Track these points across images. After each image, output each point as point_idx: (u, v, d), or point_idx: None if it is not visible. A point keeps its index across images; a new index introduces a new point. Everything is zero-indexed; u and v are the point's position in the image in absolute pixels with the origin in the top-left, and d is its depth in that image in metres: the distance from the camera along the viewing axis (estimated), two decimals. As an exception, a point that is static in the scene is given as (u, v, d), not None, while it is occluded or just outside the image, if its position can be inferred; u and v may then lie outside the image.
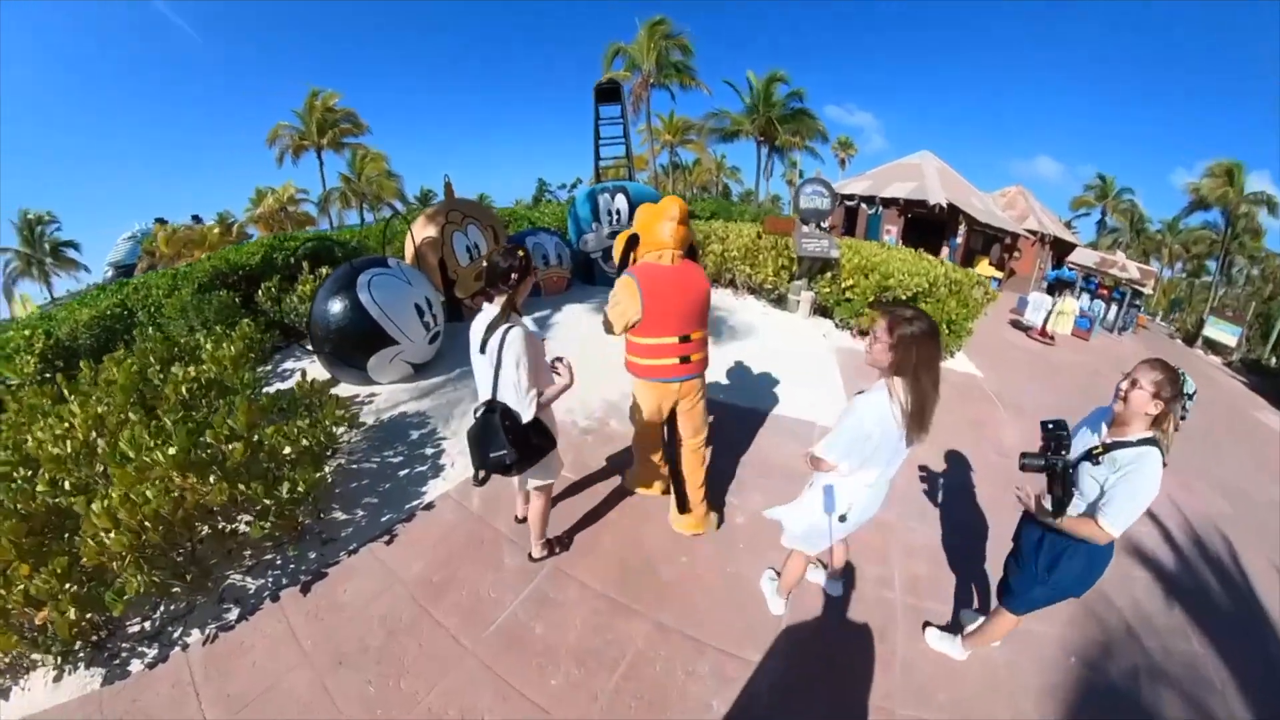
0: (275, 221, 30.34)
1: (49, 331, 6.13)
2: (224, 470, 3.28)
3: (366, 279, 5.34)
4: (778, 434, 4.96)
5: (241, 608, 3.27)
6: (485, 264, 2.64)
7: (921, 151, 19.51)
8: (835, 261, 7.64)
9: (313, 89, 30.06)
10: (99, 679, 2.90)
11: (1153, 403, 2.08)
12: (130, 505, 2.92)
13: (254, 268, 7.83)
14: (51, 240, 32.06)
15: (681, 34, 25.19)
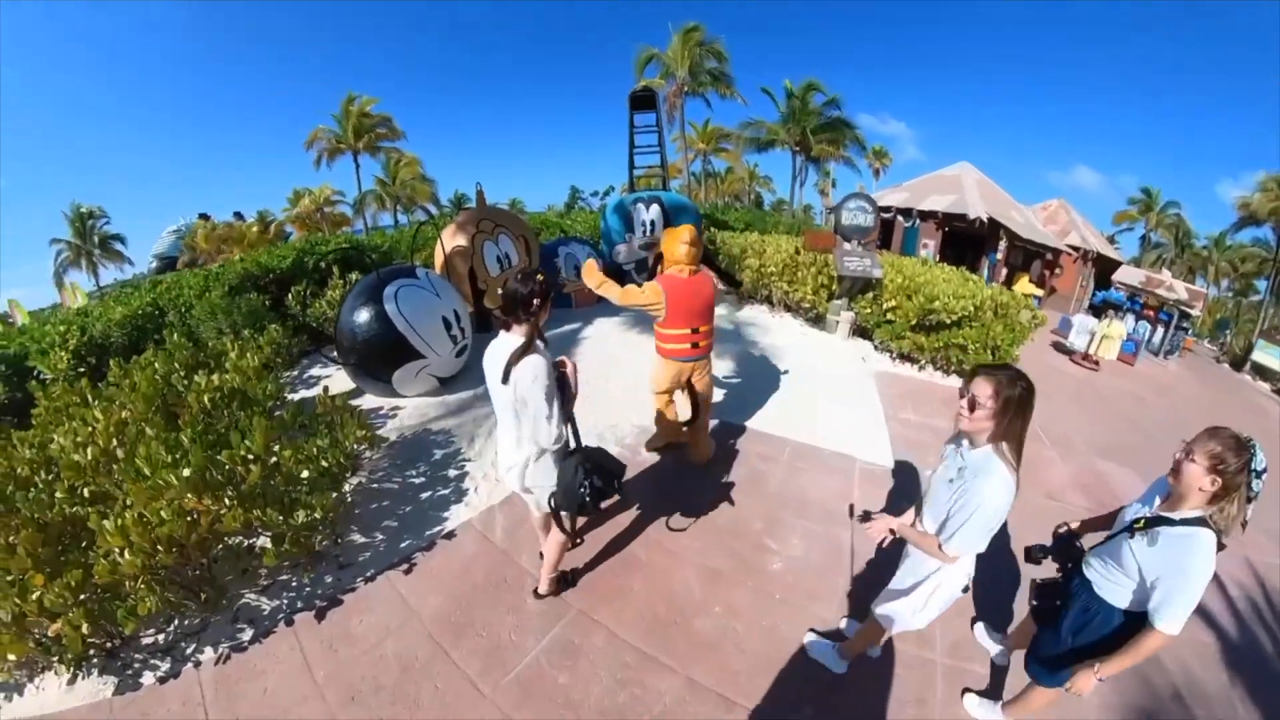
0: (312, 221, 31.03)
1: (83, 328, 6.20)
2: (239, 494, 3.21)
3: (393, 290, 5.21)
4: (816, 469, 4.67)
5: (255, 629, 3.21)
6: (502, 291, 2.53)
7: (960, 163, 18.96)
8: (877, 281, 7.32)
9: (350, 94, 30.58)
10: (111, 687, 2.90)
11: (1208, 478, 1.83)
12: (144, 525, 2.86)
13: (285, 271, 7.84)
14: (101, 233, 33.45)
15: (716, 41, 24.93)
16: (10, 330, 7.92)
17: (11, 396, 5.32)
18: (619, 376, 6.10)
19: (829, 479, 4.48)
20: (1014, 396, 1.92)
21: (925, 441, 5.14)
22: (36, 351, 5.81)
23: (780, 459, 4.76)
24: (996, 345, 6.42)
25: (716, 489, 4.32)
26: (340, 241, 9.35)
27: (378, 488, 4.35)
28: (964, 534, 2.05)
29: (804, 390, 6.00)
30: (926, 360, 6.87)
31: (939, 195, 17.42)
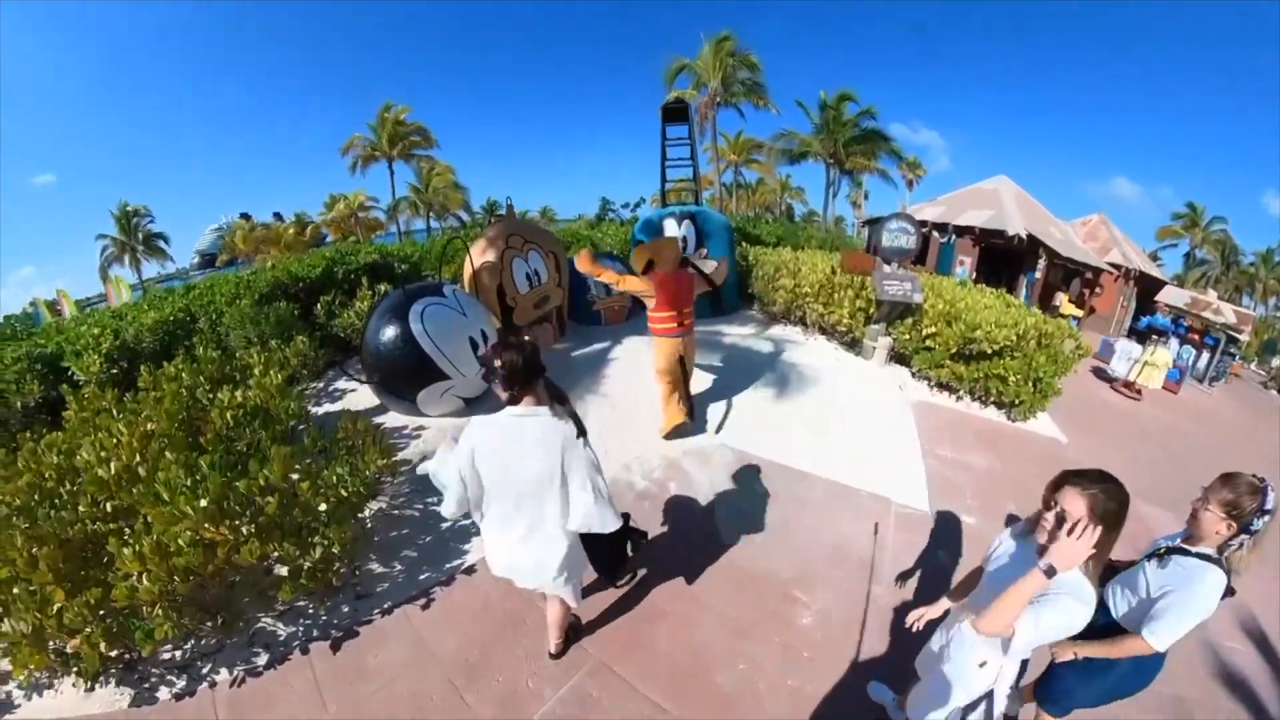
0: (346, 226, 31.58)
1: (117, 331, 6.30)
2: (257, 525, 3.18)
3: (420, 308, 5.13)
4: (850, 513, 4.43)
5: (271, 654, 3.21)
6: (499, 365, 2.25)
7: (998, 176, 18.33)
8: (917, 306, 7.04)
9: (385, 103, 31.21)
10: (127, 699, 2.95)
11: (1224, 524, 1.97)
12: (161, 553, 2.85)
13: (314, 280, 7.87)
14: (145, 231, 34.66)
15: (748, 51, 24.67)
16: (48, 329, 8.11)
17: (46, 395, 5.42)
18: (648, 401, 5.88)
19: (864, 525, 4.25)
20: (1111, 511, 1.68)
21: (960, 483, 4.91)
22: (71, 353, 5.89)
23: (813, 500, 4.55)
24: (1039, 377, 6.13)
25: (747, 533, 4.13)
26: (370, 251, 9.36)
27: (398, 514, 4.30)
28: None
29: (839, 421, 5.78)
30: (965, 390, 6.59)
31: (976, 210, 16.87)
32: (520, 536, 2.43)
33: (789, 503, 4.47)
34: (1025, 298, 14.25)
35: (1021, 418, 6.29)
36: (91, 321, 7.54)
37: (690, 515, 4.33)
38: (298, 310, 7.24)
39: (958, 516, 4.42)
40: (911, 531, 4.23)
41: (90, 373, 5.60)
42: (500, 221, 7.87)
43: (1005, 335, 6.18)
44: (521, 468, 2.29)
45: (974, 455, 5.37)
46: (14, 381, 5.44)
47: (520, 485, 2.33)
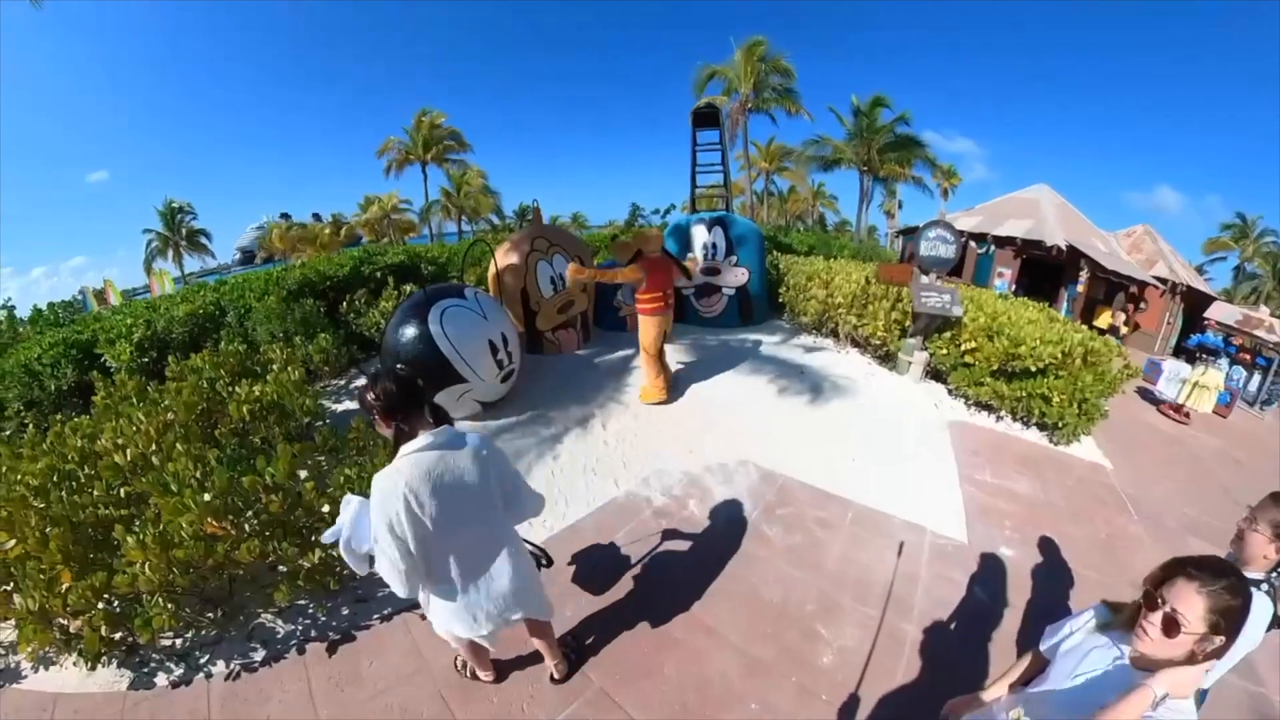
0: (380, 227, 32.16)
1: (149, 322, 6.47)
2: (259, 522, 3.20)
3: (440, 310, 5.06)
4: (881, 541, 4.14)
5: (268, 650, 3.19)
6: (373, 397, 2.03)
7: (1038, 185, 17.67)
8: (956, 320, 6.71)
9: (422, 109, 31.89)
10: (126, 681, 3.01)
11: (1272, 546, 1.86)
12: (163, 544, 2.88)
13: (342, 279, 7.93)
14: (188, 227, 36.27)
15: (780, 55, 24.20)
16: (88, 317, 8.47)
17: (79, 380, 5.66)
18: (672, 417, 5.79)
19: (895, 555, 3.96)
20: (1235, 609, 1.33)
21: (1001, 510, 4.58)
22: (105, 340, 6.07)
23: (842, 526, 4.28)
24: (1084, 398, 5.76)
25: (769, 558, 3.90)
26: (397, 252, 9.40)
27: (406, 520, 4.16)
28: None
29: (871, 440, 5.50)
30: (1005, 410, 6.22)
31: (1016, 220, 16.24)
32: (487, 572, 2.25)
33: (815, 527, 4.23)
34: (1066, 312, 13.67)
35: (1064, 441, 5.91)
36: (126, 311, 7.80)
37: (710, 536, 4.12)
38: (324, 308, 7.30)
39: (997, 549, 4.12)
40: (947, 564, 3.93)
41: (121, 360, 5.76)
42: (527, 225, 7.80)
43: (1050, 352, 5.83)
44: (464, 495, 2.08)
45: (1014, 481, 5.04)
46: (50, 365, 5.70)
47: (467, 515, 2.12)
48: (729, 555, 3.90)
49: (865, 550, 4.01)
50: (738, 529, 4.18)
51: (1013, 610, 3.54)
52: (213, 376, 4.83)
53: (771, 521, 4.26)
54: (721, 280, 8.74)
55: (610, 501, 4.46)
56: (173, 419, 3.94)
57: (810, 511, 4.39)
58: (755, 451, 5.17)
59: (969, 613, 3.49)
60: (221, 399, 4.46)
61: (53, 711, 2.89)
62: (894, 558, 3.92)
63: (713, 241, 8.66)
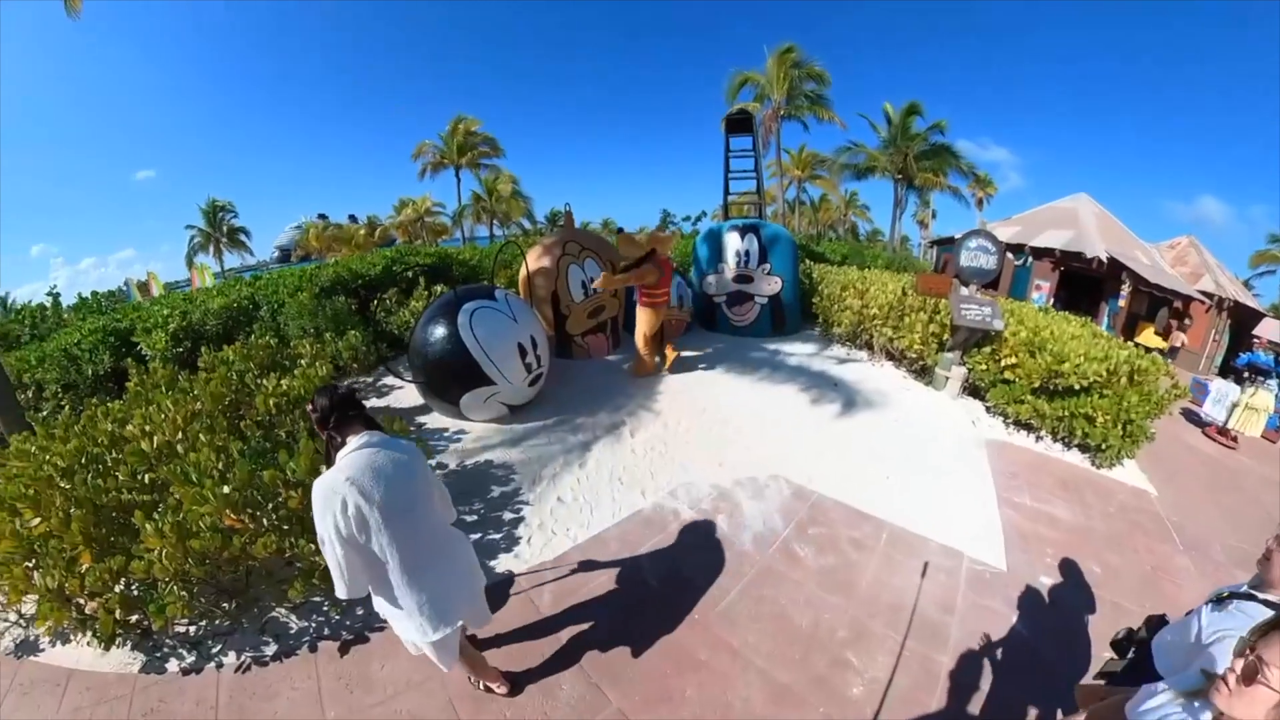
0: (414, 229, 32.64)
1: (184, 313, 6.62)
2: (278, 517, 3.19)
3: (469, 311, 5.03)
4: (917, 564, 3.92)
5: (279, 645, 3.18)
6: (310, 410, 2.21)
7: (1077, 194, 17.03)
8: (996, 334, 6.46)
9: (458, 115, 32.16)
10: (139, 664, 3.05)
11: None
12: (179, 533, 2.88)
13: (374, 278, 7.98)
14: (228, 225, 37.22)
15: (813, 61, 23.75)
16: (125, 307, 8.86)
17: (115, 367, 5.84)
18: (703, 428, 5.65)
19: (931, 582, 3.76)
20: None
21: (1041, 536, 4.33)
22: (142, 329, 6.24)
23: (876, 548, 4.08)
24: (1129, 419, 5.46)
25: (800, 579, 3.73)
26: (429, 253, 9.47)
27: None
28: None
29: (905, 458, 5.28)
30: (1046, 430, 5.93)
31: (1055, 230, 15.63)
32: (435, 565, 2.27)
33: (849, 548, 4.04)
34: (1107, 328, 13.02)
35: (1106, 464, 5.60)
36: (164, 302, 8.06)
37: (738, 553, 3.96)
38: (355, 306, 7.37)
39: (1037, 578, 3.88)
40: (984, 593, 3.71)
41: (156, 349, 5.91)
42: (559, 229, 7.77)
43: (1095, 370, 5.53)
44: (405, 481, 2.15)
45: (1055, 505, 4.79)
46: (88, 351, 5.91)
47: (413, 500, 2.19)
48: (758, 574, 3.74)
49: (900, 574, 3.82)
50: (768, 547, 4.01)
51: (1054, 645, 3.33)
52: (242, 369, 4.89)
53: (803, 540, 4.09)
54: (754, 288, 8.58)
55: (637, 513, 4.35)
56: (200, 409, 3.99)
57: (844, 531, 4.21)
58: (786, 466, 5.01)
59: (1008, 646, 3.28)
60: (249, 391, 4.50)
61: (66, 686, 2.95)
62: (929, 584, 3.72)
63: (745, 249, 8.50)
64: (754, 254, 8.44)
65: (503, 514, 4.23)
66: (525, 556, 3.82)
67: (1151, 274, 13.89)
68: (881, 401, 6.40)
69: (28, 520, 3.07)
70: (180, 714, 2.77)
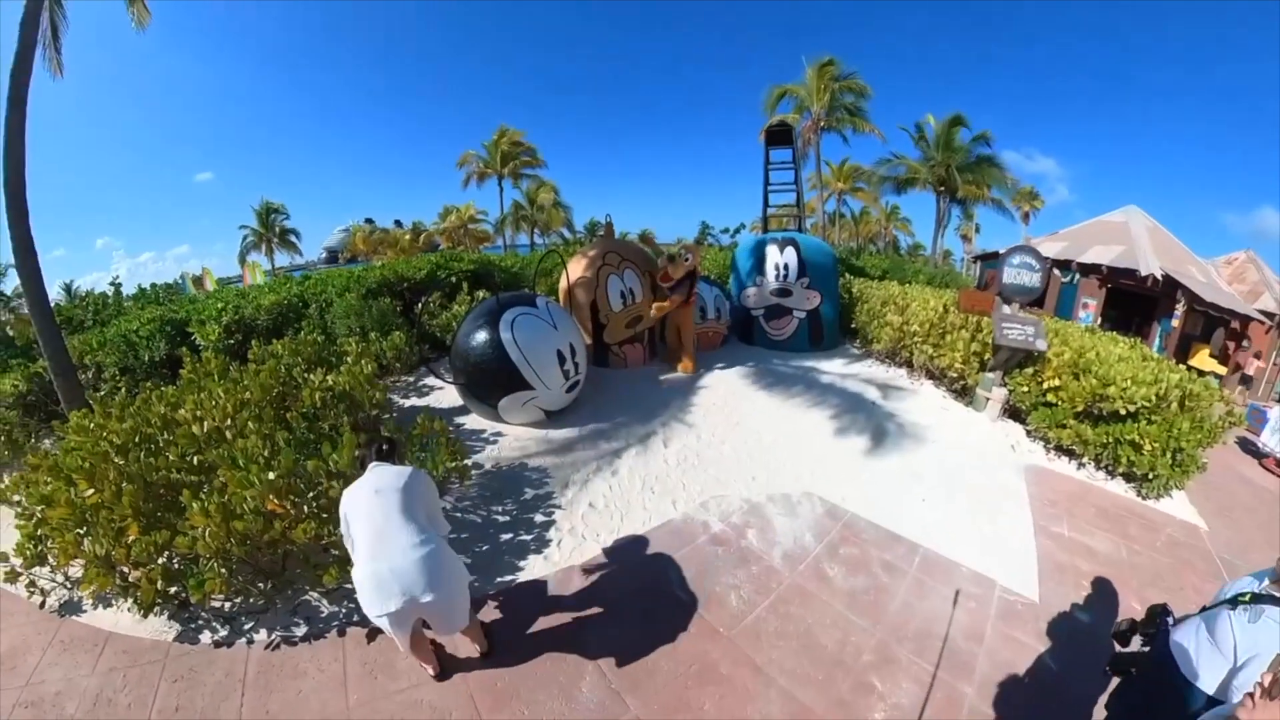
0: (457, 236, 33.37)
1: (237, 307, 6.92)
2: (317, 505, 3.33)
3: (511, 317, 5.15)
4: (948, 590, 3.82)
5: (309, 628, 3.28)
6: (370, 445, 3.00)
7: (1126, 207, 16.14)
8: (1039, 355, 6.24)
9: (501, 126, 32.94)
10: (174, 633, 3.19)
11: None
12: (224, 514, 3.03)
13: (419, 281, 8.21)
14: (280, 226, 38.44)
15: (853, 75, 23.51)
16: (181, 300, 9.40)
17: (170, 354, 6.15)
18: (737, 441, 5.62)
19: (960, 610, 3.64)
20: None
21: (1077, 569, 4.14)
22: (196, 320, 6.57)
23: (907, 571, 3.99)
24: (1179, 447, 5.15)
25: (828, 598, 3.68)
26: (472, 260, 9.71)
27: (460, 518, 4.24)
28: None
29: (943, 481, 5.16)
30: (1088, 456, 5.66)
31: (1103, 246, 14.90)
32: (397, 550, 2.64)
33: (880, 570, 3.97)
34: (1158, 349, 12.40)
35: (1153, 494, 5.30)
36: (218, 296, 8.42)
37: (767, 569, 3.93)
38: (400, 307, 7.60)
39: (1072, 612, 3.73)
40: (1015, 623, 3.59)
41: (209, 340, 6.21)
42: (600, 239, 7.89)
43: (1144, 394, 5.24)
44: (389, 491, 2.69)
45: (1094, 537, 4.58)
46: (146, 338, 6.25)
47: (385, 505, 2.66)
48: (786, 592, 3.70)
49: (930, 600, 3.72)
50: (798, 565, 3.97)
51: (1084, 681, 3.18)
52: (290, 362, 5.09)
53: (834, 560, 4.04)
54: (792, 303, 8.49)
55: (667, 522, 4.35)
56: (249, 398, 4.15)
57: (875, 553, 4.13)
58: (820, 484, 4.96)
59: (1036, 681, 3.17)
60: (296, 384, 4.67)
61: (103, 647, 3.10)
62: (959, 611, 3.62)
63: (784, 262, 8.42)
64: (793, 268, 8.36)
65: (534, 516, 4.28)
66: (554, 559, 3.87)
67: (1207, 292, 13.03)
68: (919, 422, 6.27)
69: (82, 491, 3.25)
70: (208, 685, 2.89)
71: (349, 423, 4.42)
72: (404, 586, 2.49)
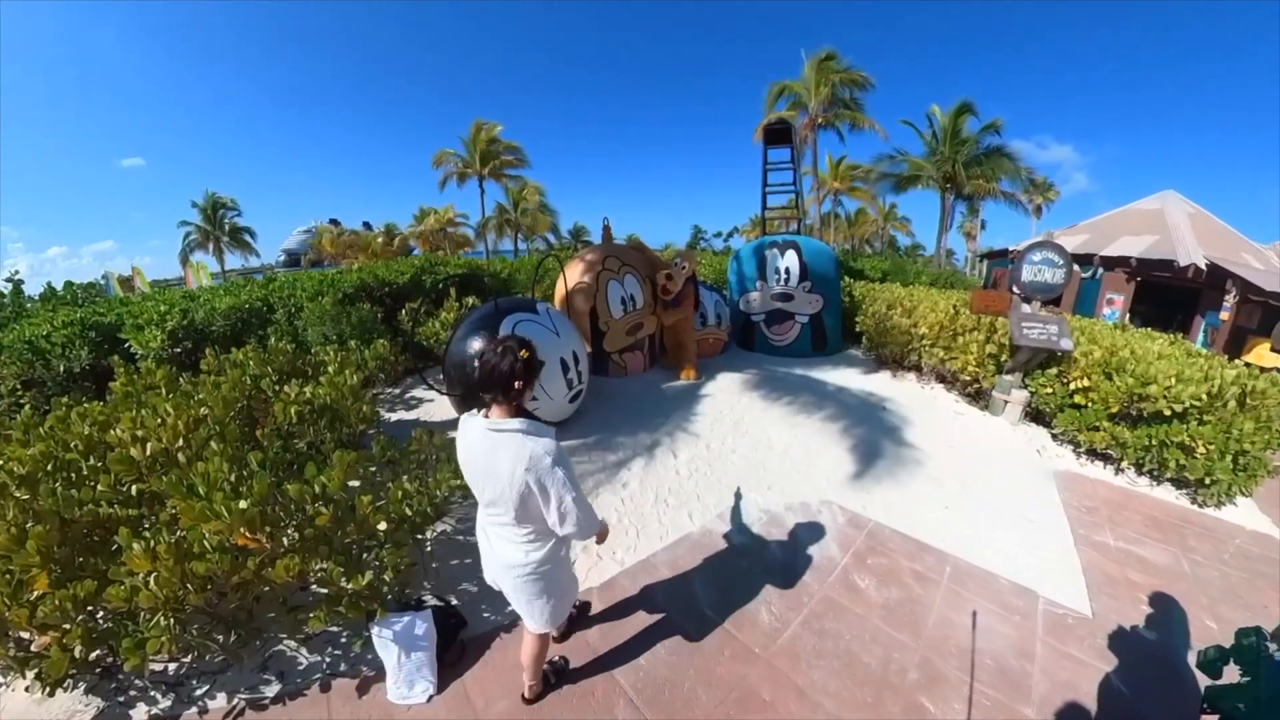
0: (435, 240, 32.99)
1: (186, 311, 6.36)
2: (301, 537, 2.89)
3: (511, 324, 5.06)
4: (987, 603, 3.65)
5: (284, 684, 2.89)
6: (479, 363, 2.22)
7: (1162, 192, 15.63)
8: (1063, 354, 6.12)
9: (477, 120, 32.20)
10: (92, 711, 2.65)
11: None
12: (179, 554, 2.56)
13: (401, 286, 7.97)
14: (231, 224, 37.11)
15: (854, 68, 23.44)
16: (110, 301, 8.28)
17: (95, 364, 5.47)
18: (746, 448, 5.50)
19: (1005, 624, 3.47)
20: None
21: (1132, 583, 3.93)
22: (131, 325, 5.91)
23: (940, 582, 3.82)
24: (1241, 449, 4.91)
25: (863, 612, 3.51)
26: (460, 264, 9.53)
27: (463, 540, 4.00)
28: None
29: (965, 487, 5.02)
30: (1128, 461, 5.47)
31: (1132, 237, 14.45)
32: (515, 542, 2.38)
33: (912, 581, 3.79)
34: (1203, 345, 11.90)
35: (1212, 502, 5.06)
36: (160, 298, 7.60)
37: (796, 582, 3.77)
38: (381, 314, 7.32)
39: (1135, 628, 3.53)
40: (1068, 639, 3.40)
41: (149, 347, 5.62)
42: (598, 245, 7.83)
43: (1193, 393, 5.05)
44: (489, 478, 2.23)
45: (1147, 547, 4.41)
46: (61, 345, 5.48)
47: (491, 492, 2.25)
48: (819, 606, 3.53)
49: (968, 613, 3.55)
50: (826, 577, 3.80)
51: (1161, 708, 2.95)
52: (258, 374, 4.71)
53: (863, 571, 3.87)
54: (794, 307, 8.46)
55: (685, 536, 4.21)
56: (206, 414, 3.71)
57: (905, 563, 3.97)
58: (836, 491, 4.85)
59: (1108, 709, 2.94)
60: (266, 398, 4.33)
61: None
62: (1003, 625, 3.45)
63: (785, 266, 8.40)
64: (794, 271, 8.33)
65: (544, 535, 4.11)
66: (568, 583, 3.70)
67: (1267, 280, 12.36)
68: (934, 427, 6.16)
69: (-39, 537, 2.61)
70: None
71: (332, 440, 4.15)
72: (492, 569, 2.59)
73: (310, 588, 3.13)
